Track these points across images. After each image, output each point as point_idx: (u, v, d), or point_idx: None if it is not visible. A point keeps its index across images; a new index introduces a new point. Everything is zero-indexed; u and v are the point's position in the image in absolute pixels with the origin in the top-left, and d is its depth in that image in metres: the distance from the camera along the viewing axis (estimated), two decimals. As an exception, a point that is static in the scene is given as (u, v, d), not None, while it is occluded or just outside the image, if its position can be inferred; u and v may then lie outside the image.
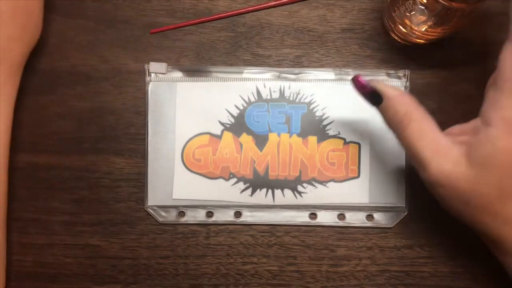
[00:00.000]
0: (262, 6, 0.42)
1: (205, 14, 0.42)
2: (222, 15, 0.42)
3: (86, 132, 0.41)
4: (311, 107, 0.40)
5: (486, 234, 0.31)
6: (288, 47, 0.41)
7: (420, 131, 0.31)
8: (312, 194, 0.40)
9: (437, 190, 0.31)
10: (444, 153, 0.30)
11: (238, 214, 0.40)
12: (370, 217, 0.40)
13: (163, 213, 0.40)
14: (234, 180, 0.40)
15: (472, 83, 0.41)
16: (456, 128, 0.34)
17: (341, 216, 0.40)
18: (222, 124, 0.40)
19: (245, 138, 0.40)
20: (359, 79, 0.33)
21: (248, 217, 0.40)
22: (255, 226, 0.40)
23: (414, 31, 0.37)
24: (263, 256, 0.40)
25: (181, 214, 0.40)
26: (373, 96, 0.33)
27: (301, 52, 0.41)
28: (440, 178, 0.30)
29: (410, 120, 0.31)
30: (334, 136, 0.40)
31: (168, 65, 0.41)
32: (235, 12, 0.42)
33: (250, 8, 0.42)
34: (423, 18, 0.36)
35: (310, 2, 0.42)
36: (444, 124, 0.41)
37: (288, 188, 0.40)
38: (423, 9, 0.35)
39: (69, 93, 0.41)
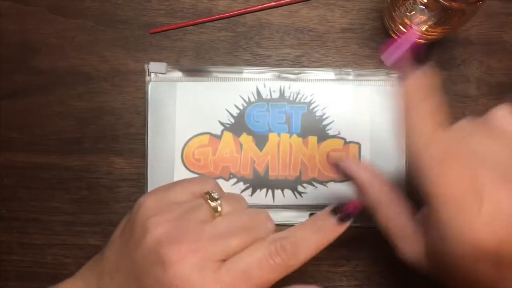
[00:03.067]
0: (262, 6, 0.42)
1: (205, 14, 0.42)
2: (222, 15, 0.42)
3: (86, 132, 0.41)
4: (311, 107, 0.40)
5: None
6: (288, 47, 0.41)
7: (387, 216, 0.31)
8: (312, 194, 0.40)
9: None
10: (409, 242, 0.31)
11: (238, 214, 0.40)
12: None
13: (163, 213, 0.40)
14: (234, 180, 0.40)
15: (472, 83, 0.41)
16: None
17: (341, 216, 0.40)
18: (222, 124, 0.40)
19: (245, 138, 0.40)
20: (331, 162, 0.35)
21: (248, 217, 0.40)
22: (255, 226, 0.40)
23: (414, 31, 0.37)
24: (263, 256, 0.40)
25: (181, 214, 0.40)
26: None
27: (301, 52, 0.41)
28: (406, 262, 0.31)
29: (378, 204, 0.32)
30: (334, 136, 0.40)
31: (168, 65, 0.41)
32: (235, 12, 0.42)
33: (250, 8, 0.42)
34: (423, 18, 0.36)
35: (310, 2, 0.42)
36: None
37: (288, 188, 0.40)
38: (423, 9, 0.35)
39: (69, 93, 0.41)
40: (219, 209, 0.30)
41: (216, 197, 0.30)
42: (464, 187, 0.27)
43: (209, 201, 0.30)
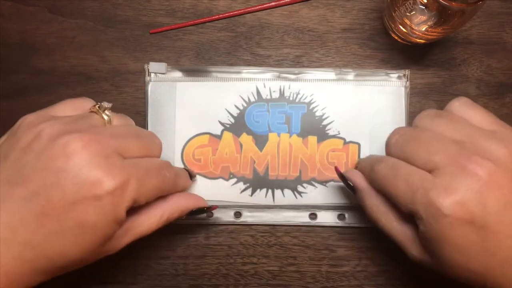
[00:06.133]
0: (262, 6, 0.42)
1: (205, 14, 0.42)
2: (222, 15, 0.42)
3: (86, 132, 0.41)
4: (311, 107, 0.40)
5: None
6: (288, 47, 0.41)
7: (387, 223, 0.33)
8: (312, 194, 0.40)
9: None
10: (410, 244, 0.32)
11: (238, 214, 0.40)
12: (370, 217, 0.40)
13: (163, 213, 0.40)
14: (234, 180, 0.40)
15: (472, 83, 0.41)
16: None
17: (341, 216, 0.40)
18: (222, 124, 0.40)
19: (245, 138, 0.40)
20: (336, 168, 0.37)
21: (248, 217, 0.40)
22: (255, 226, 0.40)
23: (414, 31, 0.37)
24: (263, 256, 0.40)
25: (181, 214, 0.40)
26: (350, 186, 0.35)
27: (301, 52, 0.41)
28: (415, 262, 0.32)
29: (379, 213, 0.34)
30: (334, 136, 0.40)
31: (168, 65, 0.41)
32: (235, 12, 0.42)
33: (250, 8, 0.42)
34: (423, 18, 0.36)
35: (310, 2, 0.42)
36: (444, 124, 0.41)
37: (288, 188, 0.40)
38: (423, 9, 0.35)
39: (69, 93, 0.41)
40: (109, 119, 0.32)
41: (106, 106, 0.32)
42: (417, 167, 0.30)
43: (100, 111, 0.32)
